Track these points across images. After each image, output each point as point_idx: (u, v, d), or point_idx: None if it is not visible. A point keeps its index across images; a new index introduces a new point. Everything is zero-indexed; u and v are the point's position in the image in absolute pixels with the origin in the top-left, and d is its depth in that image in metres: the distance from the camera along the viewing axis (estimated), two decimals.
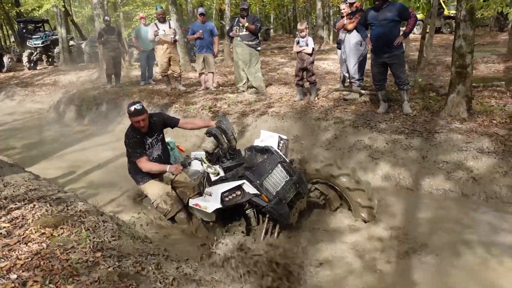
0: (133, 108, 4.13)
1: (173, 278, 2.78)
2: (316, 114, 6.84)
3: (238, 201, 3.74)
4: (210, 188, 3.98)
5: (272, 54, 17.36)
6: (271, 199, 3.75)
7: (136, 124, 4.22)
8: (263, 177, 3.83)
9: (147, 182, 4.52)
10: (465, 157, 4.90)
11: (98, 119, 9.69)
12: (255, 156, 4.24)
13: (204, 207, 3.87)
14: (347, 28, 7.04)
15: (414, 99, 6.89)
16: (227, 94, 8.80)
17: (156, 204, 4.46)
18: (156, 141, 4.52)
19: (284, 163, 4.09)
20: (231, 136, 4.04)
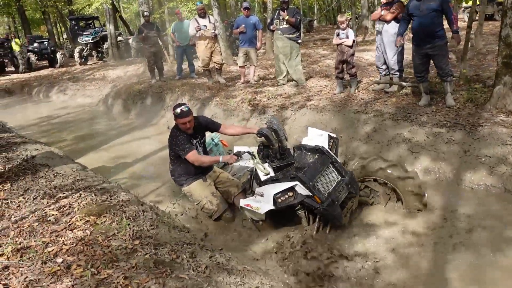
0: (180, 110, 4.18)
1: (205, 266, 2.88)
2: (356, 107, 6.77)
3: (291, 202, 3.73)
4: (262, 188, 3.97)
5: (314, 46, 17.20)
6: (323, 201, 3.72)
7: (182, 126, 4.28)
8: (315, 178, 3.79)
9: (191, 184, 4.58)
10: (510, 152, 4.71)
11: (142, 113, 10.05)
12: (305, 155, 4.21)
13: (256, 208, 3.85)
14: (385, 19, 6.88)
15: (458, 91, 6.66)
16: (267, 87, 8.86)
17: (202, 205, 4.54)
18: (199, 143, 4.58)
19: (336, 164, 4.05)
20: (283, 137, 4.03)
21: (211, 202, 4.51)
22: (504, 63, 5.52)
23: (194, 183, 4.57)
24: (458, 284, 3.29)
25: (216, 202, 4.52)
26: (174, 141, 4.35)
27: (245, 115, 7.78)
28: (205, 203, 4.51)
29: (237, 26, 9.09)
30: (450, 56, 10.60)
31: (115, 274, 2.66)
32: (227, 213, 4.60)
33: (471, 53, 10.98)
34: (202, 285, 2.57)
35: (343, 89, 7.78)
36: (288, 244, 3.94)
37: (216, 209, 4.51)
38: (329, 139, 4.39)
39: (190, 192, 4.61)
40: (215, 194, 4.57)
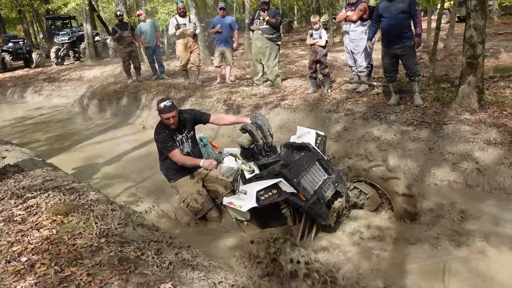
0: (163, 105, 4.07)
1: (169, 262, 2.93)
2: (328, 106, 6.89)
3: (274, 200, 3.60)
4: (245, 186, 3.86)
5: (293, 46, 17.37)
6: (308, 198, 3.60)
7: (166, 121, 4.17)
8: (301, 175, 3.66)
9: (178, 180, 4.49)
10: (472, 149, 4.88)
11: (118, 113, 10.03)
12: (292, 153, 4.07)
13: (238, 206, 3.74)
14: (351, 20, 7.04)
15: (427, 90, 6.85)
16: (243, 87, 8.93)
17: (187, 203, 4.47)
18: (186, 138, 4.43)
19: (322, 161, 3.92)
20: (267, 133, 3.91)
21: (196, 200, 4.43)
22: (468, 63, 5.70)
23: (181, 179, 4.49)
24: (416, 276, 3.40)
25: (201, 200, 4.44)
26: (157, 138, 4.30)
27: None
28: (190, 200, 4.44)
29: (213, 26, 9.13)
30: (423, 56, 10.89)
31: (79, 271, 2.69)
32: (211, 212, 4.52)
33: (444, 53, 11.29)
34: (164, 280, 2.62)
35: (317, 89, 7.90)
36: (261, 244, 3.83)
37: (200, 208, 4.44)
38: (316, 137, 4.26)
39: (177, 188, 4.56)
40: (201, 192, 4.48)
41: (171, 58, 16.17)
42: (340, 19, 7.46)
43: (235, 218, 4.06)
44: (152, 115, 9.10)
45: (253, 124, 3.87)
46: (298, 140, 4.20)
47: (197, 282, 2.73)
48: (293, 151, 4.06)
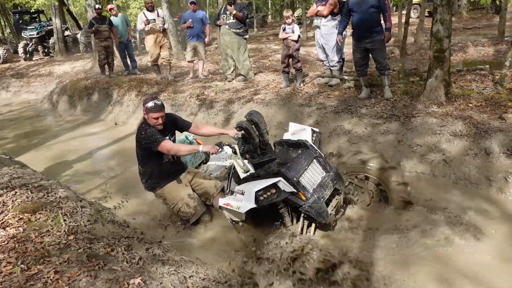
0: (153, 104, 3.80)
1: (139, 258, 2.92)
2: (300, 100, 6.94)
3: (274, 200, 3.50)
4: (242, 186, 3.73)
5: (267, 41, 17.36)
6: (308, 198, 3.53)
7: (153, 121, 3.89)
8: (300, 174, 3.58)
9: (165, 186, 4.21)
10: (438, 140, 5.01)
11: (89, 109, 9.85)
12: (288, 151, 3.98)
13: (236, 207, 3.61)
14: (322, 14, 7.10)
15: (397, 84, 6.98)
16: (216, 82, 8.91)
17: (178, 209, 4.18)
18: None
19: (320, 158, 3.84)
20: (264, 130, 3.73)
21: (187, 204, 4.16)
22: (435, 57, 5.84)
23: (167, 185, 4.20)
24: (383, 263, 3.48)
25: (194, 204, 4.18)
26: (143, 135, 3.93)
27: (193, 110, 7.80)
28: (181, 206, 4.16)
29: (184, 21, 9.05)
30: (394, 51, 11.07)
31: (46, 269, 2.65)
32: (205, 216, 4.31)
33: (414, 48, 11.51)
34: (134, 275, 2.60)
35: (289, 83, 7.95)
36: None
37: (193, 212, 4.17)
38: (312, 133, 4.17)
39: (164, 195, 4.23)
40: (192, 196, 4.22)
41: (143, 53, 15.93)
42: (311, 13, 7.51)
43: (230, 219, 3.96)
44: (124, 111, 8.98)
45: (249, 122, 3.67)
46: (293, 137, 4.11)
47: (167, 276, 2.73)
48: (289, 149, 3.97)
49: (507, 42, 10.32)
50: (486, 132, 4.79)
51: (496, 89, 5.96)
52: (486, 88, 6.18)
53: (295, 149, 3.92)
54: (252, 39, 17.76)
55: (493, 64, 7.94)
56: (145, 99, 3.94)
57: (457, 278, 3.28)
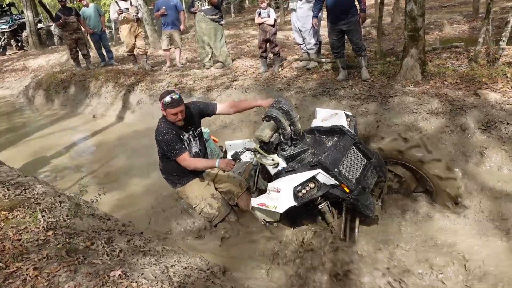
0: (170, 98, 3.46)
1: (120, 250, 2.91)
2: (279, 85, 6.93)
3: (314, 195, 3.13)
4: (275, 182, 3.37)
5: (245, 26, 17.19)
6: (352, 189, 3.16)
7: (172, 117, 3.55)
8: (340, 163, 3.22)
9: (186, 184, 3.95)
10: (416, 119, 5.06)
11: (66, 102, 9.69)
12: (321, 139, 3.61)
13: (273, 207, 3.22)
14: None
15: (374, 64, 7.00)
16: (194, 70, 8.82)
17: (200, 209, 3.94)
18: (193, 136, 3.86)
19: (360, 144, 3.47)
20: (295, 118, 3.41)
21: (210, 205, 3.90)
22: (410, 36, 5.86)
23: (189, 183, 3.94)
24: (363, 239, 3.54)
25: (217, 205, 3.92)
26: (161, 139, 3.61)
27: None
28: (203, 206, 3.90)
29: (158, 8, 8.87)
30: (371, 31, 11.09)
31: (25, 266, 2.62)
32: (230, 216, 4.02)
33: (391, 28, 11.54)
34: (114, 268, 2.60)
35: (268, 68, 7.92)
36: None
37: (217, 213, 3.91)
38: (346, 118, 3.76)
39: (186, 193, 3.99)
40: (216, 195, 3.98)
41: (120, 43, 15.66)
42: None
43: (264, 221, 3.66)
44: (102, 103, 8.86)
45: (278, 110, 3.34)
46: (324, 123, 3.73)
47: (148, 267, 2.74)
48: (322, 137, 3.61)
49: (481, 18, 10.42)
50: (461, 109, 4.85)
51: (470, 66, 6.03)
52: (461, 65, 6.25)
53: (330, 136, 3.56)
54: (230, 25, 17.59)
55: (468, 41, 8.01)
56: (161, 94, 3.58)
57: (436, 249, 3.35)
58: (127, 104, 8.33)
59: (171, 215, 4.31)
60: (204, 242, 3.90)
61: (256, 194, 3.98)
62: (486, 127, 4.53)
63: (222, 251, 3.72)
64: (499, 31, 5.85)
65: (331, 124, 3.60)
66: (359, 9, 6.11)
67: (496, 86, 5.13)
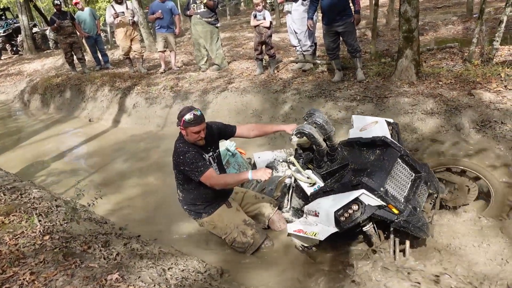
0: (192, 115, 3.17)
1: (117, 253, 2.91)
2: (275, 87, 6.95)
3: (358, 219, 2.76)
4: (312, 205, 3.05)
5: (240, 28, 17.23)
6: (402, 210, 2.81)
7: (194, 136, 3.26)
8: (386, 181, 2.87)
9: (214, 213, 3.57)
10: (411, 119, 5.09)
11: (62, 107, 9.67)
12: (361, 152, 3.27)
13: (312, 234, 2.90)
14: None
15: (369, 65, 7.04)
16: (190, 73, 8.83)
17: (232, 239, 3.52)
18: (212, 158, 3.53)
19: (406, 157, 3.10)
20: (332, 132, 3.06)
21: (244, 233, 3.48)
22: (404, 37, 5.90)
23: (217, 211, 3.57)
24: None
25: (251, 232, 3.50)
26: (182, 160, 3.25)
27: (167, 102, 7.74)
28: (236, 235, 3.48)
29: (152, 12, 8.87)
30: (367, 33, 11.14)
31: (22, 271, 2.61)
32: (266, 242, 3.58)
33: (386, 29, 11.60)
34: (111, 271, 2.59)
35: (264, 70, 7.94)
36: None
37: (251, 242, 3.48)
38: (388, 125, 3.42)
39: (214, 223, 3.59)
40: (248, 222, 3.57)
41: (115, 47, 15.66)
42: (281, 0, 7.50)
43: (302, 246, 3.34)
44: (97, 107, 8.84)
45: (311, 124, 3.00)
46: (363, 133, 3.37)
47: (145, 270, 2.73)
48: (362, 150, 3.27)
49: (475, 19, 10.48)
50: (456, 109, 4.88)
51: (465, 66, 6.07)
52: (456, 66, 6.28)
53: (371, 149, 3.21)
54: (226, 27, 17.62)
55: (462, 41, 8.08)
56: (181, 111, 3.28)
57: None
58: (123, 107, 8.32)
59: (169, 218, 4.31)
60: (206, 246, 3.90)
61: (291, 213, 3.74)
62: (481, 126, 4.56)
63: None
64: (493, 31, 5.89)
65: (371, 135, 3.25)
66: (354, 11, 6.14)
67: (490, 86, 5.17)
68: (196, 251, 3.71)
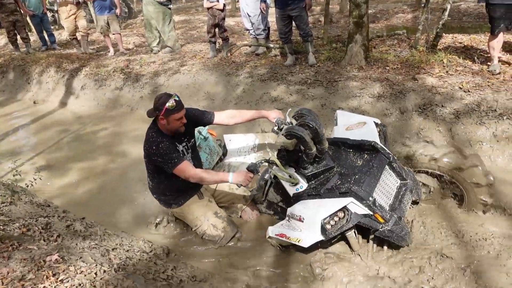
0: (174, 101, 2.96)
1: (58, 235, 2.82)
2: (228, 70, 6.90)
3: (344, 227, 2.70)
4: (296, 208, 2.92)
5: (196, 12, 16.95)
6: (387, 219, 2.75)
7: (176, 124, 3.07)
8: (374, 190, 2.80)
9: (184, 204, 3.45)
10: (358, 103, 5.22)
11: (4, 88, 9.17)
12: (347, 154, 3.14)
13: (296, 240, 2.79)
14: None
15: (321, 50, 7.13)
16: (141, 55, 8.61)
17: (202, 231, 3.45)
18: (186, 149, 3.34)
19: (394, 163, 3.01)
20: (323, 136, 2.83)
21: (215, 226, 3.42)
22: (355, 23, 6.01)
23: (187, 202, 3.44)
24: None
25: (222, 225, 3.44)
26: (154, 151, 3.04)
27: (117, 84, 7.52)
28: (206, 228, 3.42)
29: None
30: (320, 19, 11.26)
31: None
32: (237, 235, 3.52)
33: (339, 15, 11.77)
34: (51, 252, 2.52)
35: (217, 53, 7.86)
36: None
37: (222, 235, 3.41)
38: (376, 127, 3.30)
39: (183, 215, 3.50)
40: (220, 214, 3.50)
41: (63, 27, 15.00)
42: None
43: (279, 246, 3.23)
44: (43, 89, 8.45)
45: (303, 127, 2.79)
46: (349, 133, 3.25)
47: (88, 251, 2.67)
48: (348, 152, 3.15)
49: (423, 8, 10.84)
50: (401, 93, 5.05)
51: (411, 52, 6.27)
52: (403, 52, 6.48)
53: (359, 152, 3.10)
54: (181, 10, 17.29)
55: (410, 29, 8.32)
56: (158, 99, 3.02)
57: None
58: (71, 89, 8.01)
59: (116, 201, 4.23)
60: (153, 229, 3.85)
61: (265, 205, 3.70)
62: (423, 109, 4.74)
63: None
64: (439, 20, 6.10)
65: (359, 137, 3.12)
66: None
67: (433, 71, 5.38)
68: (143, 233, 3.68)
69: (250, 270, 3.10)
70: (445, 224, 3.21)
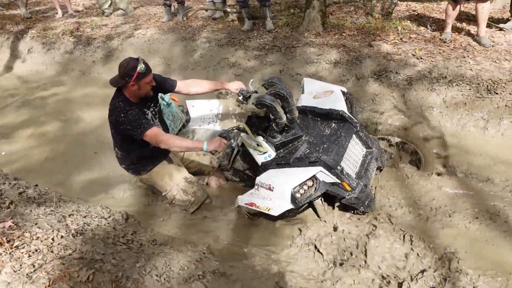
0: (144, 64, 2.90)
1: (10, 202, 2.72)
2: (184, 34, 6.73)
3: (312, 196, 2.75)
4: (265, 177, 2.90)
5: None
6: (354, 187, 2.84)
7: (146, 88, 3.01)
8: (342, 159, 2.85)
9: (153, 169, 3.39)
10: (316, 69, 5.27)
11: None
12: (315, 123, 3.14)
13: (266, 209, 2.77)
14: None
15: (279, 16, 7.07)
16: (92, 17, 8.21)
17: (172, 196, 3.43)
18: (154, 114, 3.29)
19: (361, 132, 3.09)
20: (293, 105, 2.84)
21: (184, 190, 3.39)
22: None
23: (156, 168, 3.38)
24: None
25: (192, 190, 3.41)
26: (124, 117, 2.95)
27: (67, 48, 7.18)
28: (176, 193, 3.39)
29: None
30: None
31: None
32: (207, 201, 3.54)
33: None
34: (4, 219, 2.43)
35: (172, 17, 7.63)
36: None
37: (192, 200, 3.40)
38: (343, 96, 3.29)
39: (153, 179, 3.44)
40: (189, 179, 3.47)
41: None
42: None
43: (248, 214, 3.24)
44: None
45: (273, 96, 2.77)
46: (317, 102, 3.23)
47: (43, 217, 2.60)
48: (316, 120, 3.15)
49: None
50: (357, 59, 5.13)
51: (367, 19, 6.34)
52: (359, 19, 6.54)
53: (326, 121, 3.10)
54: None
55: None
56: (126, 64, 2.90)
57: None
58: (16, 53, 7.56)
59: (70, 168, 4.11)
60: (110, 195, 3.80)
61: (231, 172, 3.71)
62: (378, 76, 4.86)
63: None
64: None
65: (327, 106, 3.14)
66: None
67: (388, 38, 5.49)
68: (100, 198, 3.62)
69: (212, 234, 3.15)
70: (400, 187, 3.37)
